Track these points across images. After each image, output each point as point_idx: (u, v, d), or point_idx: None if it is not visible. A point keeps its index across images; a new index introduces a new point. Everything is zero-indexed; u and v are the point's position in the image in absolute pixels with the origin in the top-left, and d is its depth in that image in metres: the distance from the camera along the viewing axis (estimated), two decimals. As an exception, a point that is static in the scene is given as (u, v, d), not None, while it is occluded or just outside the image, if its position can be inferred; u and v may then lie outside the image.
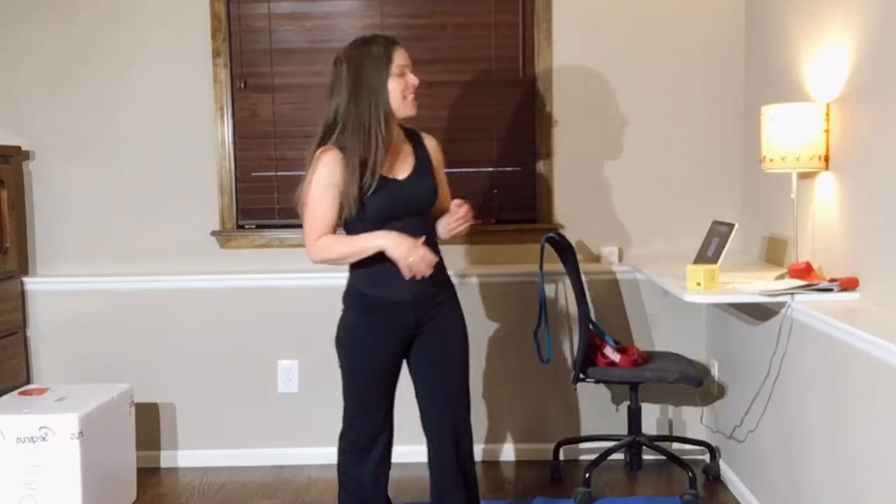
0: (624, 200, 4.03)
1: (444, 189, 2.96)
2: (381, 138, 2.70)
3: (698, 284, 2.94)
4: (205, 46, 4.01)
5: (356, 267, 2.82)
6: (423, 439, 2.94)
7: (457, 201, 2.81)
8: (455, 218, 2.80)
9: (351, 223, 2.78)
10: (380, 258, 2.73)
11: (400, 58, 2.76)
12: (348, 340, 2.85)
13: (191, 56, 4.01)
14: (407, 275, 2.69)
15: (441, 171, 2.96)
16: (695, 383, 3.58)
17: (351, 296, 2.86)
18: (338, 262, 2.79)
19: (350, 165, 2.69)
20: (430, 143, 2.95)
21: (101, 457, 3.40)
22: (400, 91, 2.74)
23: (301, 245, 4.02)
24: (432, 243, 2.83)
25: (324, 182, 2.72)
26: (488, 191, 4.04)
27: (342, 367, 2.87)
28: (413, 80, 2.78)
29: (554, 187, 4.03)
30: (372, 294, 2.80)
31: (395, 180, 2.79)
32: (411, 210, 2.80)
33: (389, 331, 2.82)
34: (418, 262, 2.68)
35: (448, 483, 2.92)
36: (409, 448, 3.33)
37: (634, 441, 3.77)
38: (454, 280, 3.95)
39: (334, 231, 2.78)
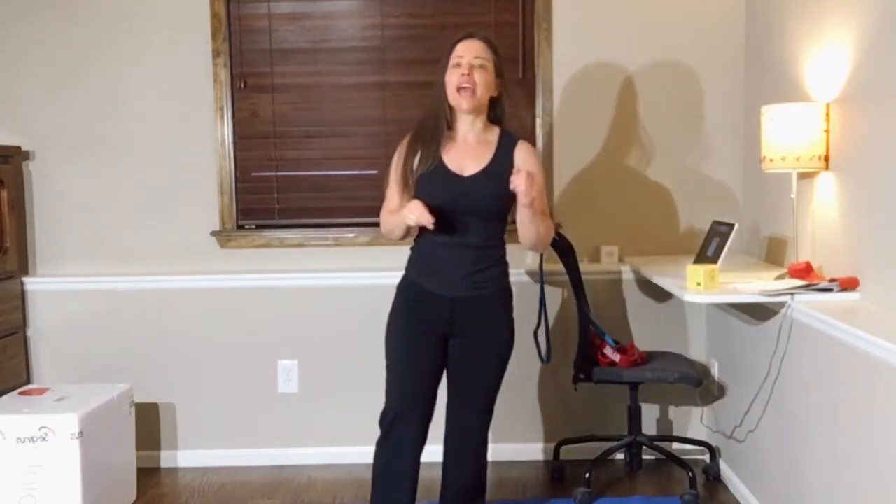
0: (624, 200, 4.03)
1: (536, 200, 2.78)
2: (437, 126, 2.82)
3: (698, 284, 2.94)
4: (205, 46, 4.01)
5: (413, 257, 2.94)
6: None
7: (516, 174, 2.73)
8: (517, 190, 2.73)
9: None
10: (428, 250, 2.86)
11: (460, 49, 2.80)
12: (389, 318, 2.93)
13: (191, 56, 4.01)
14: (410, 223, 2.74)
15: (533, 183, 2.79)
16: (695, 383, 3.58)
17: (403, 280, 2.95)
18: (389, 235, 2.91)
19: (412, 148, 2.85)
20: (522, 152, 2.90)
21: (101, 457, 3.40)
22: (452, 81, 2.79)
23: (301, 245, 4.07)
24: (489, 251, 2.86)
25: (393, 166, 2.92)
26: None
27: (387, 354, 2.94)
28: (462, 70, 2.77)
29: (554, 187, 4.02)
30: (414, 281, 2.89)
31: (455, 173, 2.82)
32: (467, 208, 2.80)
33: (424, 318, 2.86)
34: (412, 211, 2.71)
35: (460, 488, 3.02)
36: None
37: (634, 441, 3.77)
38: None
39: None
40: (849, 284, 2.78)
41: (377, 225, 4.00)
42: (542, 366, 3.85)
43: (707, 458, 3.87)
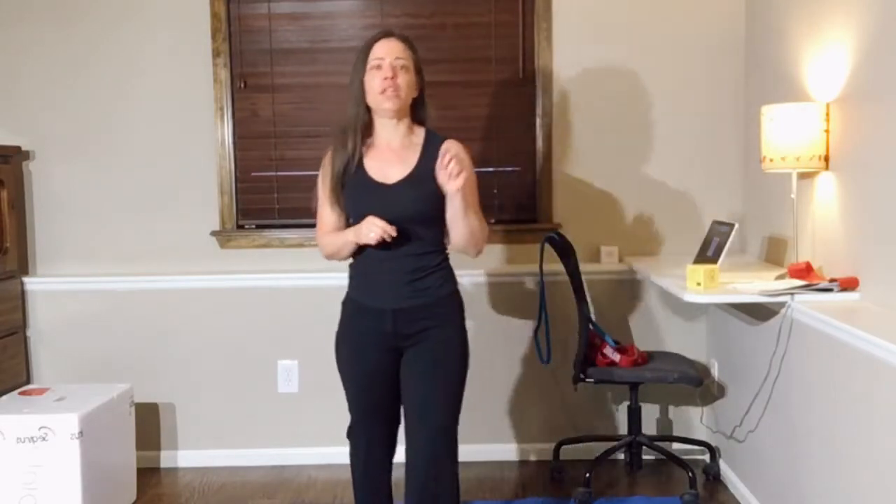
0: (624, 200, 4.03)
1: (467, 193, 2.70)
2: (353, 134, 2.70)
3: (698, 284, 2.94)
4: (205, 46, 4.01)
5: (350, 267, 2.84)
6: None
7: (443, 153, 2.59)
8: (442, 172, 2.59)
9: (349, 224, 2.79)
10: (365, 265, 2.75)
11: (379, 50, 2.67)
12: (340, 350, 2.84)
13: (191, 56, 4.01)
14: (372, 241, 2.62)
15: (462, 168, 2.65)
16: (695, 383, 3.58)
17: (345, 301, 2.85)
18: (334, 257, 2.81)
19: (333, 162, 2.75)
20: (448, 147, 2.68)
21: (101, 457, 3.40)
22: (374, 84, 2.66)
23: (301, 245, 4.07)
24: (426, 257, 2.72)
25: (319, 180, 2.81)
26: (488, 191, 4.03)
27: (341, 378, 2.87)
28: (385, 72, 2.64)
29: (554, 187, 4.02)
30: (355, 298, 2.80)
31: (379, 183, 2.70)
32: (397, 217, 2.64)
33: (368, 334, 2.75)
34: (371, 229, 2.61)
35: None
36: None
37: (634, 441, 3.77)
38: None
39: (340, 229, 2.79)
40: (849, 284, 2.78)
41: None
42: (542, 366, 3.84)
43: (707, 458, 3.87)
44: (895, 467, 2.27)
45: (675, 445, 3.98)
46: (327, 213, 2.80)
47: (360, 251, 2.74)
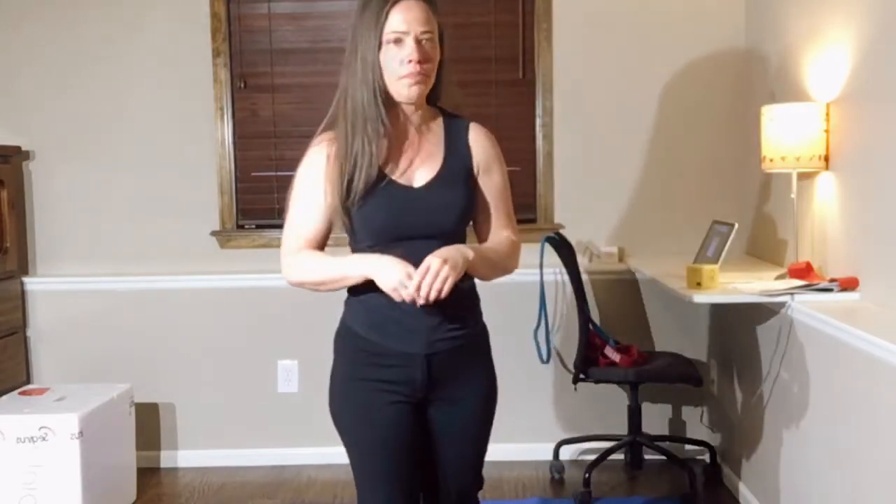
0: (624, 200, 4.03)
1: (494, 203, 2.15)
2: (369, 127, 2.00)
3: (698, 284, 2.94)
4: (205, 46, 4.01)
5: (352, 296, 2.12)
6: None
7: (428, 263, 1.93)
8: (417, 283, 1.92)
9: (352, 243, 2.12)
10: (381, 294, 1.99)
11: (398, 19, 1.99)
12: (341, 405, 2.15)
13: (191, 56, 4.01)
14: (392, 294, 1.95)
15: (495, 178, 2.14)
16: (695, 383, 3.58)
17: (343, 337, 2.15)
18: (315, 287, 2.12)
19: (337, 163, 2.02)
20: (477, 137, 2.14)
21: (101, 457, 3.40)
22: (394, 67, 1.99)
23: (301, 245, 4.05)
24: (465, 278, 2.04)
25: (307, 179, 2.07)
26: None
27: (343, 439, 2.17)
28: (409, 50, 1.99)
29: (554, 187, 4.02)
30: (371, 339, 2.08)
31: (405, 186, 2.04)
32: (426, 230, 2.02)
33: (387, 385, 2.06)
34: (402, 283, 1.93)
35: None
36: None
37: (634, 441, 3.77)
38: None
39: (321, 246, 2.12)
40: (849, 284, 2.78)
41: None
42: (542, 366, 3.84)
43: (707, 458, 3.87)
44: (895, 467, 2.27)
45: (675, 445, 3.97)
46: (309, 221, 2.08)
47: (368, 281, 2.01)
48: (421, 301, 1.92)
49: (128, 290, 4.05)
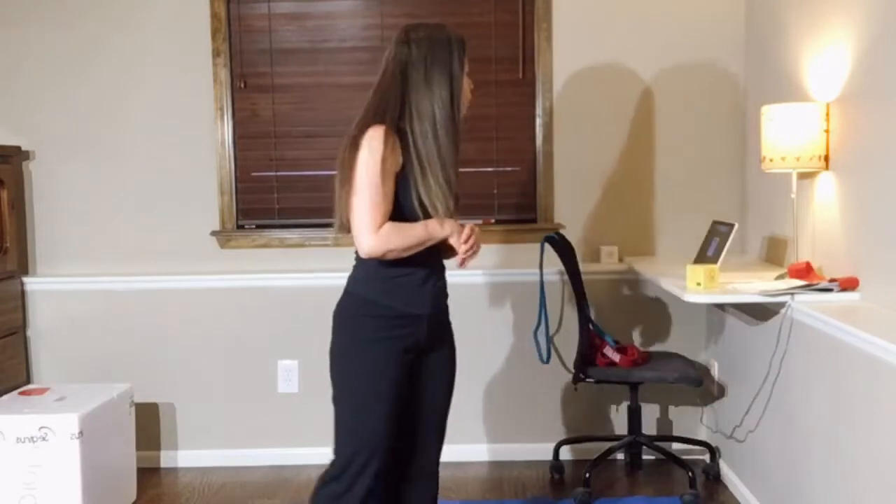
0: (624, 200, 4.03)
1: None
2: (450, 136, 2.42)
3: (698, 284, 2.94)
4: (205, 46, 4.01)
5: (371, 273, 2.46)
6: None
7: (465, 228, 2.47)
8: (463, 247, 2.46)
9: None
10: (400, 265, 2.41)
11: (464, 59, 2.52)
12: (357, 349, 2.47)
13: (191, 56, 4.01)
14: (460, 265, 2.49)
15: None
16: (695, 383, 3.58)
17: (358, 307, 2.48)
18: (400, 254, 2.40)
19: (412, 157, 2.39)
20: None
21: (101, 457, 3.40)
22: (467, 91, 2.54)
23: (301, 245, 4.06)
24: (441, 255, 2.54)
25: (386, 164, 2.36)
26: (488, 191, 4.04)
27: (342, 391, 2.51)
28: (470, 83, 2.56)
29: (554, 187, 4.02)
30: (389, 304, 2.44)
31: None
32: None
33: (400, 344, 2.45)
34: (472, 246, 2.46)
35: None
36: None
37: (634, 441, 3.77)
38: (455, 281, 3.96)
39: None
40: (849, 284, 2.78)
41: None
42: (542, 366, 3.84)
43: (707, 458, 3.87)
44: (895, 467, 2.27)
45: (675, 445, 3.98)
46: (388, 200, 2.38)
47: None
48: (471, 258, 2.50)
49: (128, 290, 4.05)
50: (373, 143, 2.36)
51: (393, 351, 2.44)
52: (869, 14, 2.72)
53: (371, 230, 2.36)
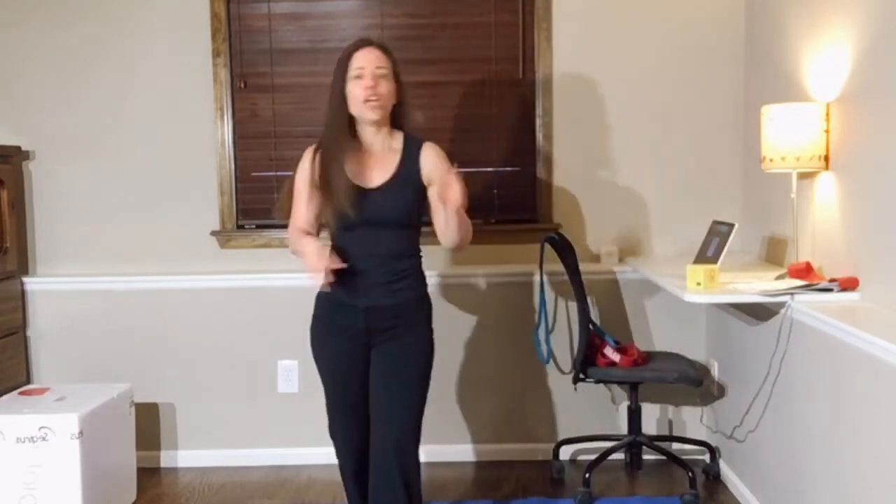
0: (624, 200, 4.03)
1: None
2: (340, 138, 2.74)
3: (698, 284, 2.94)
4: (205, 46, 4.01)
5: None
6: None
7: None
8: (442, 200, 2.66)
9: (330, 226, 2.82)
10: (346, 260, 2.73)
11: (359, 60, 2.73)
12: (310, 332, 2.90)
13: (191, 56, 4.01)
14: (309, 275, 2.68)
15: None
16: (695, 383, 3.58)
17: (318, 297, 2.87)
18: (297, 256, 2.80)
19: (314, 165, 2.77)
20: (427, 155, 2.82)
21: (101, 457, 3.40)
22: (357, 94, 2.72)
23: (301, 245, 4.05)
24: (402, 261, 2.79)
25: (298, 176, 2.83)
26: (488, 191, 4.04)
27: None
28: (367, 82, 2.70)
29: (554, 187, 4.03)
30: (330, 294, 2.77)
31: (364, 188, 2.75)
32: (375, 221, 2.74)
33: (340, 327, 2.81)
34: (312, 267, 2.64)
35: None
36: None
37: (634, 441, 3.77)
38: (455, 281, 3.96)
39: (314, 229, 2.83)
40: (849, 284, 2.78)
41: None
42: (542, 366, 3.84)
43: (707, 458, 3.87)
44: (895, 467, 2.27)
45: (675, 445, 3.98)
46: (303, 210, 2.81)
47: (338, 250, 2.77)
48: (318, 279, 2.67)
49: (128, 290, 4.05)
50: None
51: (328, 333, 2.91)
52: (869, 14, 2.72)
53: (289, 231, 2.89)
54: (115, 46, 4.02)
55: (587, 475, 3.56)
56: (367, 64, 2.72)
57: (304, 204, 2.81)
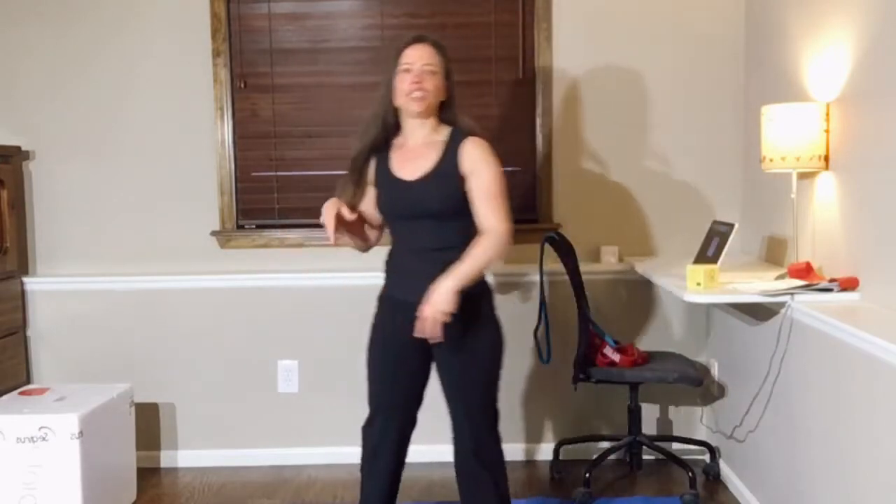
0: (624, 200, 4.03)
1: (478, 199, 2.75)
2: (383, 130, 2.82)
3: (698, 284, 2.94)
4: (205, 46, 4.01)
5: (385, 266, 2.92)
6: (448, 438, 2.94)
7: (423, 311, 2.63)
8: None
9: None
10: (394, 260, 2.86)
11: (409, 55, 2.78)
12: (370, 332, 2.94)
13: (191, 56, 4.01)
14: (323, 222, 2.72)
15: (477, 178, 2.74)
16: (695, 383, 3.58)
17: (379, 293, 2.94)
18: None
19: (364, 150, 2.85)
20: (467, 149, 2.77)
21: (101, 457, 3.40)
22: (403, 87, 2.76)
23: (301, 245, 4.07)
24: (447, 252, 2.71)
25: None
26: (488, 191, 4.03)
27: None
28: (413, 76, 2.74)
29: (554, 187, 4.03)
30: (388, 292, 2.89)
31: (401, 179, 2.78)
32: (416, 213, 2.76)
33: (397, 326, 2.80)
34: (325, 212, 2.72)
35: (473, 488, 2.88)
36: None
37: (634, 441, 3.77)
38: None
39: (376, 221, 2.93)
40: (849, 284, 2.78)
41: (377, 225, 4.06)
42: (542, 366, 3.84)
43: (707, 458, 3.87)
44: (895, 467, 2.27)
45: (675, 445, 3.98)
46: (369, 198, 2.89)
47: (392, 244, 2.87)
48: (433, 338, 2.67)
49: (128, 290, 4.05)
50: None
51: (379, 329, 2.94)
52: (869, 14, 2.72)
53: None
54: (115, 46, 4.02)
55: (587, 475, 3.56)
56: (416, 59, 2.77)
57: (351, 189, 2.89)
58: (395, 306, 2.83)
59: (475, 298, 2.77)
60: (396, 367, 2.86)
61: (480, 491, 2.84)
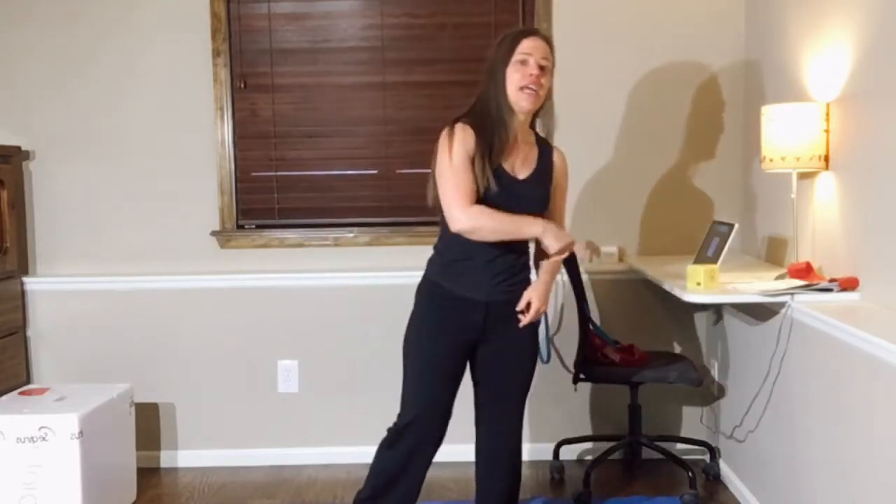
0: (624, 200, 4.03)
1: (557, 209, 2.87)
2: (500, 125, 2.67)
3: (698, 284, 2.94)
4: (205, 46, 4.01)
5: (437, 258, 2.83)
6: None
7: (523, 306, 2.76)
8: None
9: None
10: (462, 253, 2.73)
11: (527, 46, 2.65)
12: (417, 323, 2.81)
13: (191, 56, 4.01)
14: (553, 251, 2.75)
15: (560, 191, 2.86)
16: (695, 383, 3.58)
17: (426, 286, 2.83)
18: (487, 234, 2.68)
19: (481, 144, 2.65)
20: (559, 159, 2.85)
21: (101, 457, 3.40)
22: (516, 78, 2.64)
23: (301, 245, 4.06)
24: (522, 255, 2.82)
25: (462, 152, 2.65)
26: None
27: (406, 354, 2.82)
28: (532, 69, 2.63)
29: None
30: (447, 286, 2.77)
31: (511, 176, 2.72)
32: (522, 211, 2.71)
33: (456, 322, 2.75)
34: (564, 242, 2.74)
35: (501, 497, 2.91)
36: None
37: (634, 441, 3.77)
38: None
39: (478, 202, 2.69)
40: (849, 284, 2.78)
41: (377, 225, 4.06)
42: (542, 366, 3.84)
43: (707, 458, 3.87)
44: (895, 467, 2.27)
45: (676, 445, 3.98)
46: (471, 182, 2.65)
47: (451, 234, 2.70)
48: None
49: (128, 290, 4.05)
50: (441, 138, 2.70)
51: (440, 328, 2.77)
52: (869, 14, 2.72)
53: (453, 206, 2.64)
54: (114, 46, 4.02)
55: (587, 475, 3.56)
56: (534, 52, 2.65)
57: (471, 176, 2.66)
58: (455, 302, 2.75)
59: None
60: (449, 363, 2.78)
61: (512, 490, 2.93)
